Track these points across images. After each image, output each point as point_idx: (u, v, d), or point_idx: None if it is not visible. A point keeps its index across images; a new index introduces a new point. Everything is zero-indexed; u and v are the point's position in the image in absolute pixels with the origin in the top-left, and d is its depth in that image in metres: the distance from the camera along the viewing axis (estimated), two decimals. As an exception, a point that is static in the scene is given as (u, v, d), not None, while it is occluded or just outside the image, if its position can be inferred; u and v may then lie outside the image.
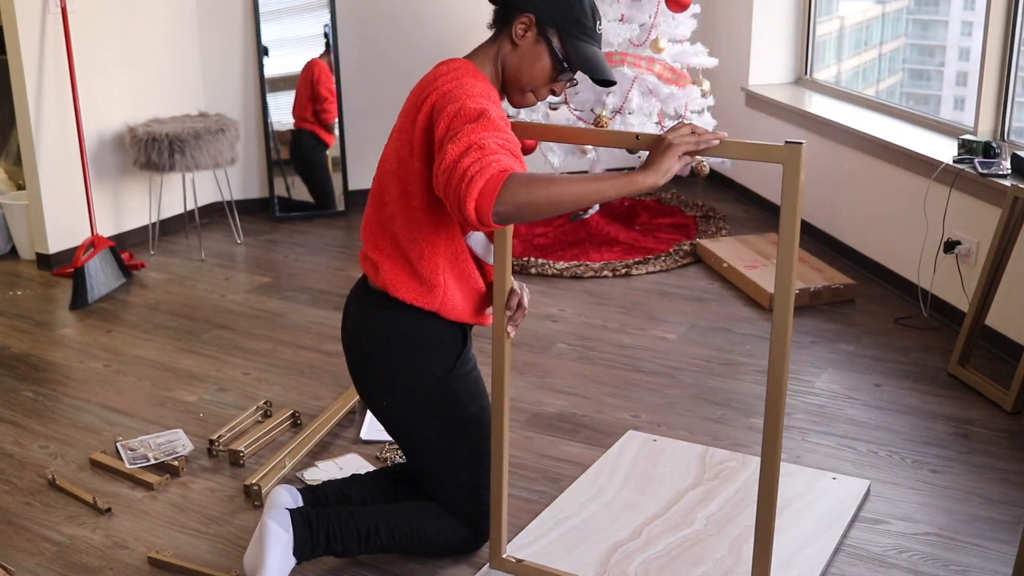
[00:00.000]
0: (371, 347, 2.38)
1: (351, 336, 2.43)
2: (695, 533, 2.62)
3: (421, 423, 2.41)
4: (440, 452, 2.43)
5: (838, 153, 4.55)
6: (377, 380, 2.40)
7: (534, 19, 2.26)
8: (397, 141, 2.28)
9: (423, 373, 2.36)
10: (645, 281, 4.42)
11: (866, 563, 2.53)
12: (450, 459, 2.44)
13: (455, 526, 2.47)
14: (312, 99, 5.29)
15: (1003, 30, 3.84)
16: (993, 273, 3.41)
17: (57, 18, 4.41)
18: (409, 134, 2.23)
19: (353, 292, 2.46)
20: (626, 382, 3.48)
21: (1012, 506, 2.75)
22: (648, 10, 4.50)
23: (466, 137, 2.00)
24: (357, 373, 2.44)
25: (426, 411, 2.39)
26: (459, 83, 2.16)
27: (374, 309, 2.37)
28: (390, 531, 2.41)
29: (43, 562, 2.55)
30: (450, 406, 2.40)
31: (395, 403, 2.40)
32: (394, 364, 2.36)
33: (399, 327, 2.34)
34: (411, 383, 2.37)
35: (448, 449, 2.43)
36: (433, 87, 2.20)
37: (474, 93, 2.12)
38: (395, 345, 2.35)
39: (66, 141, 4.53)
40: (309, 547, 2.34)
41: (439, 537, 2.47)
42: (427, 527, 2.44)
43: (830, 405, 3.32)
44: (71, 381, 3.55)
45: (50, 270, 4.60)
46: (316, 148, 5.40)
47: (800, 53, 5.34)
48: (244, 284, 4.46)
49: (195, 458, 3.03)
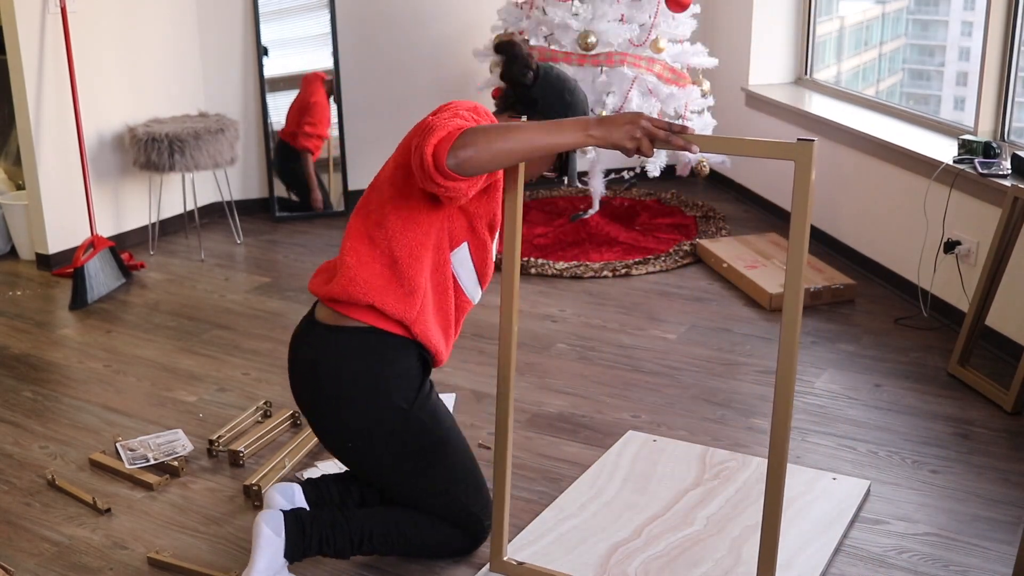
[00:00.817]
0: (331, 385, 2.32)
1: (305, 375, 2.37)
2: (695, 533, 2.62)
3: (392, 459, 2.37)
4: (417, 481, 2.40)
5: (838, 153, 4.55)
6: (340, 420, 2.34)
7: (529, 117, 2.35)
8: (398, 155, 2.33)
9: (388, 407, 2.32)
10: (645, 281, 4.42)
11: (866, 563, 2.53)
12: (429, 485, 2.41)
13: (450, 534, 2.46)
14: (300, 111, 5.29)
15: (1003, 30, 3.84)
16: (993, 273, 3.41)
17: (57, 18, 4.41)
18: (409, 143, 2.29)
19: (302, 332, 2.40)
20: (626, 382, 3.48)
21: (1012, 506, 2.75)
22: (648, 10, 4.50)
23: (439, 111, 2.16)
24: (316, 416, 2.38)
25: (395, 446, 2.35)
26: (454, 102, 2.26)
27: (333, 343, 2.32)
28: (383, 536, 2.40)
29: (43, 562, 2.55)
30: (418, 435, 2.36)
31: (362, 442, 2.35)
32: (358, 401, 2.31)
33: (362, 358, 2.30)
34: (377, 419, 2.32)
35: (425, 477, 2.39)
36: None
37: (464, 105, 2.20)
38: (358, 379, 2.30)
39: (66, 141, 4.53)
40: (301, 549, 2.34)
41: (434, 543, 2.46)
42: (421, 534, 2.43)
43: (830, 405, 3.32)
44: (71, 381, 3.55)
45: (50, 270, 4.60)
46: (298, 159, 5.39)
47: (800, 53, 5.34)
48: (244, 284, 4.46)
49: (195, 458, 3.03)
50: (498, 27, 4.78)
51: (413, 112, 5.50)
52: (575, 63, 4.50)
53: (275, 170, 5.32)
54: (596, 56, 4.46)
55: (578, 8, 4.55)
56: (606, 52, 4.46)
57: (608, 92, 4.48)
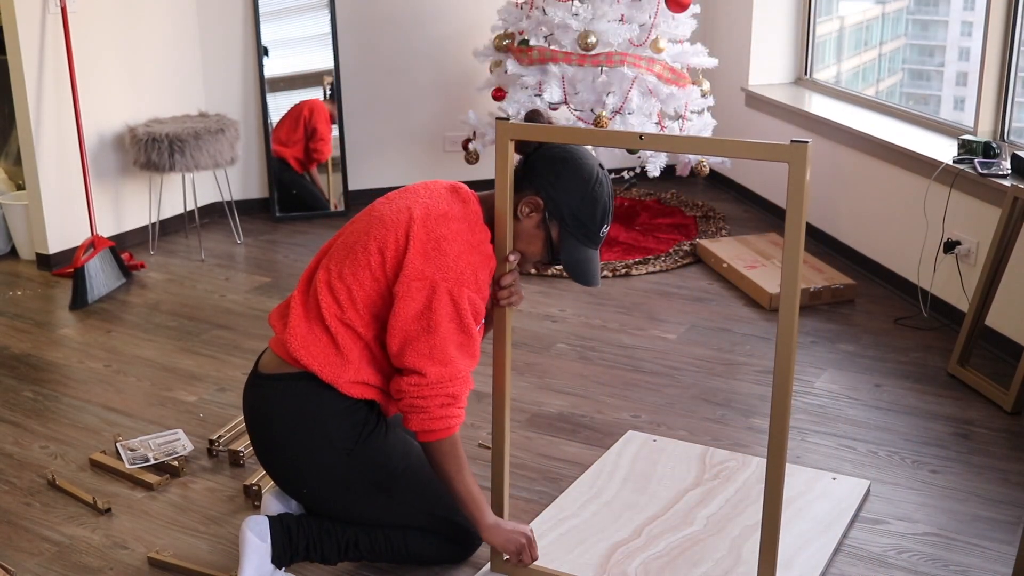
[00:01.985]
0: (273, 434, 2.31)
1: (250, 424, 2.37)
2: (695, 533, 2.62)
3: (351, 499, 2.34)
4: (389, 511, 2.37)
5: (838, 153, 4.55)
6: (289, 468, 2.33)
7: (542, 206, 2.25)
8: (362, 235, 2.27)
9: (330, 451, 2.28)
10: (645, 281, 4.42)
11: (866, 563, 2.53)
12: (402, 512, 2.38)
13: (439, 544, 2.44)
14: (307, 137, 5.29)
15: (1003, 30, 3.84)
16: (993, 273, 3.41)
17: (57, 18, 4.41)
18: (382, 238, 2.23)
19: (247, 381, 2.40)
20: (626, 382, 3.48)
21: (1012, 506, 2.75)
22: (648, 10, 4.50)
23: (448, 363, 2.20)
24: (267, 464, 2.37)
25: (351, 487, 2.32)
26: (457, 255, 2.18)
27: (270, 391, 2.31)
28: (370, 544, 2.38)
29: (43, 562, 2.55)
30: (373, 472, 2.32)
31: (316, 488, 2.33)
32: (300, 449, 2.29)
33: (297, 407, 2.27)
34: (323, 464, 2.29)
35: (396, 505, 2.36)
36: (438, 225, 2.21)
37: (463, 279, 2.17)
38: (296, 428, 2.28)
39: (66, 141, 4.53)
40: (288, 555, 2.33)
41: (422, 553, 2.43)
42: (408, 544, 2.41)
43: (830, 405, 3.32)
44: (71, 381, 3.55)
45: (50, 270, 4.60)
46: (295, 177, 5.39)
47: (800, 53, 5.34)
48: (244, 284, 4.46)
49: (195, 458, 3.03)
50: (498, 27, 4.78)
51: (413, 112, 5.53)
52: (575, 63, 4.50)
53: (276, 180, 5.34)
54: (596, 56, 4.46)
55: (578, 8, 4.55)
56: (606, 52, 4.46)
57: (608, 92, 4.48)
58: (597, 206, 2.26)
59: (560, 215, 2.25)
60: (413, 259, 2.19)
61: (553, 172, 2.24)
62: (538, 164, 2.26)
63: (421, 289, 2.17)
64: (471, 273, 2.19)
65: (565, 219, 2.25)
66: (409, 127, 5.48)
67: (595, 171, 2.27)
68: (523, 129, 2.22)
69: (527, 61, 4.59)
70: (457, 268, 2.18)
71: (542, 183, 2.25)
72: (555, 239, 2.28)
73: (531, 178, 2.26)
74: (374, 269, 2.23)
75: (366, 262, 2.23)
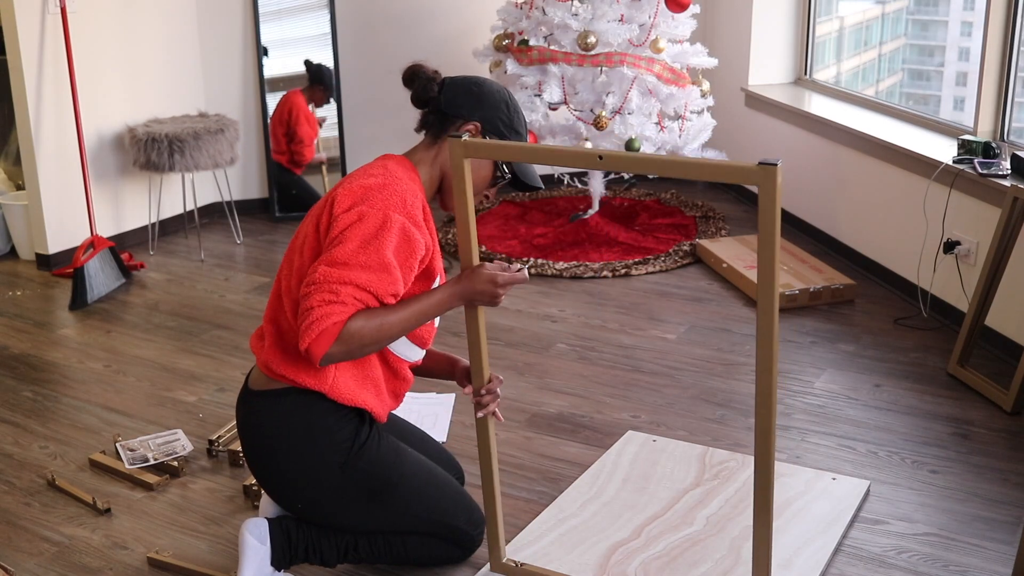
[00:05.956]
0: (263, 451, 2.30)
1: (243, 441, 2.35)
2: (695, 533, 2.62)
3: (346, 510, 2.33)
4: (386, 518, 2.36)
5: (838, 153, 4.55)
6: (282, 483, 2.32)
7: (480, 128, 2.33)
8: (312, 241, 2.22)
9: (321, 465, 2.27)
10: (645, 281, 4.42)
11: (866, 563, 2.53)
12: (398, 518, 2.37)
13: (438, 545, 2.43)
14: (287, 136, 5.29)
15: (1003, 30, 3.85)
16: (993, 273, 3.41)
17: (57, 18, 4.41)
18: (324, 208, 2.21)
19: (239, 397, 2.39)
20: (626, 382, 3.48)
21: (1012, 506, 2.75)
22: (648, 10, 4.50)
23: (341, 266, 2.07)
24: (261, 480, 2.36)
25: (345, 499, 2.31)
26: (383, 186, 2.16)
27: (259, 408, 2.30)
28: (369, 547, 2.38)
29: (43, 562, 2.55)
30: (367, 482, 2.31)
31: (310, 502, 2.32)
32: (291, 464, 2.27)
33: (286, 422, 2.26)
34: (315, 479, 2.28)
35: (390, 516, 2.35)
36: (363, 178, 2.20)
37: (388, 205, 2.13)
38: (285, 444, 2.26)
39: (66, 141, 4.53)
40: (287, 558, 2.33)
41: (422, 555, 2.43)
42: (407, 546, 2.40)
43: (830, 405, 3.32)
44: (71, 381, 3.55)
45: (50, 270, 4.60)
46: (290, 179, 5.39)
47: (800, 53, 5.34)
48: (244, 284, 4.46)
49: (195, 458, 3.03)
50: (498, 27, 4.78)
51: (413, 112, 5.51)
52: (575, 63, 4.50)
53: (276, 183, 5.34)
54: (596, 56, 4.46)
55: (578, 8, 4.55)
56: (606, 52, 4.46)
57: (608, 92, 4.49)
58: (517, 111, 2.40)
59: (497, 129, 2.36)
60: (340, 202, 2.15)
61: (473, 96, 2.36)
62: (455, 99, 2.36)
63: (347, 220, 2.12)
64: (398, 198, 2.15)
65: (502, 131, 2.36)
66: (409, 127, 5.41)
67: (496, 83, 2.44)
68: (477, 146, 2.13)
69: (527, 61, 4.59)
70: (382, 196, 2.14)
71: (469, 110, 2.35)
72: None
73: (455, 111, 2.35)
74: (317, 246, 2.19)
75: (312, 245, 2.20)
